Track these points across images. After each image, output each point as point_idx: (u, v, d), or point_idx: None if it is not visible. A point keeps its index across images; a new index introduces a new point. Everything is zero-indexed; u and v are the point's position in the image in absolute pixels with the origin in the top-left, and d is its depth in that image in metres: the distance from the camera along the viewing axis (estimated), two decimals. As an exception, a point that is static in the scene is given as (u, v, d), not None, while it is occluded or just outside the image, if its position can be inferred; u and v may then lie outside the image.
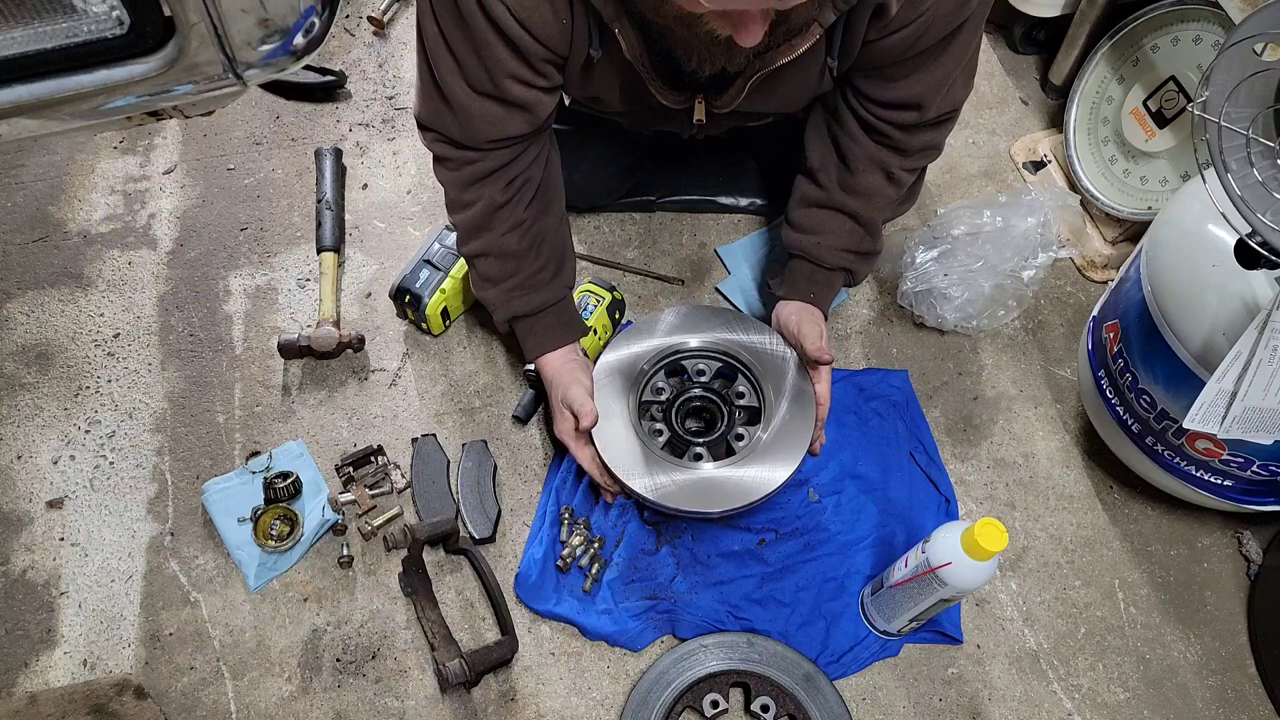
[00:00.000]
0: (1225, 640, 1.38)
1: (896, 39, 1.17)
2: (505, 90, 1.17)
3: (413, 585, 1.34)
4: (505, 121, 1.21)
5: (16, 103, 0.90)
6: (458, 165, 1.27)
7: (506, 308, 1.38)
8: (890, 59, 1.21)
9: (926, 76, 1.24)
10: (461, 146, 1.25)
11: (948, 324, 1.58)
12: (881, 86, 1.27)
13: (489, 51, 1.13)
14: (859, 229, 1.41)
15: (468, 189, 1.29)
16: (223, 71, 0.94)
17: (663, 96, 1.27)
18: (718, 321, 1.45)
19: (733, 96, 1.26)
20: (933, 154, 1.40)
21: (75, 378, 1.54)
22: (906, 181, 1.41)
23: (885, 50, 1.20)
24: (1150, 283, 1.23)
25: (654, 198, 1.74)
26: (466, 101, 1.18)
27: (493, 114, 1.20)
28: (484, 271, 1.37)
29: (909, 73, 1.24)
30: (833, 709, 1.25)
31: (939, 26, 1.16)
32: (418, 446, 1.47)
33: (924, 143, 1.36)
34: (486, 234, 1.33)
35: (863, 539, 1.40)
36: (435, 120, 1.24)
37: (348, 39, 1.99)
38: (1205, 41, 1.50)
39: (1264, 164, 0.96)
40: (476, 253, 1.36)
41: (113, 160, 1.79)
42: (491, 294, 1.38)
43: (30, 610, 1.35)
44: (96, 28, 0.87)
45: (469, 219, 1.32)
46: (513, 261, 1.35)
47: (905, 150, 1.35)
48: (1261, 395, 1.02)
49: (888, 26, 1.15)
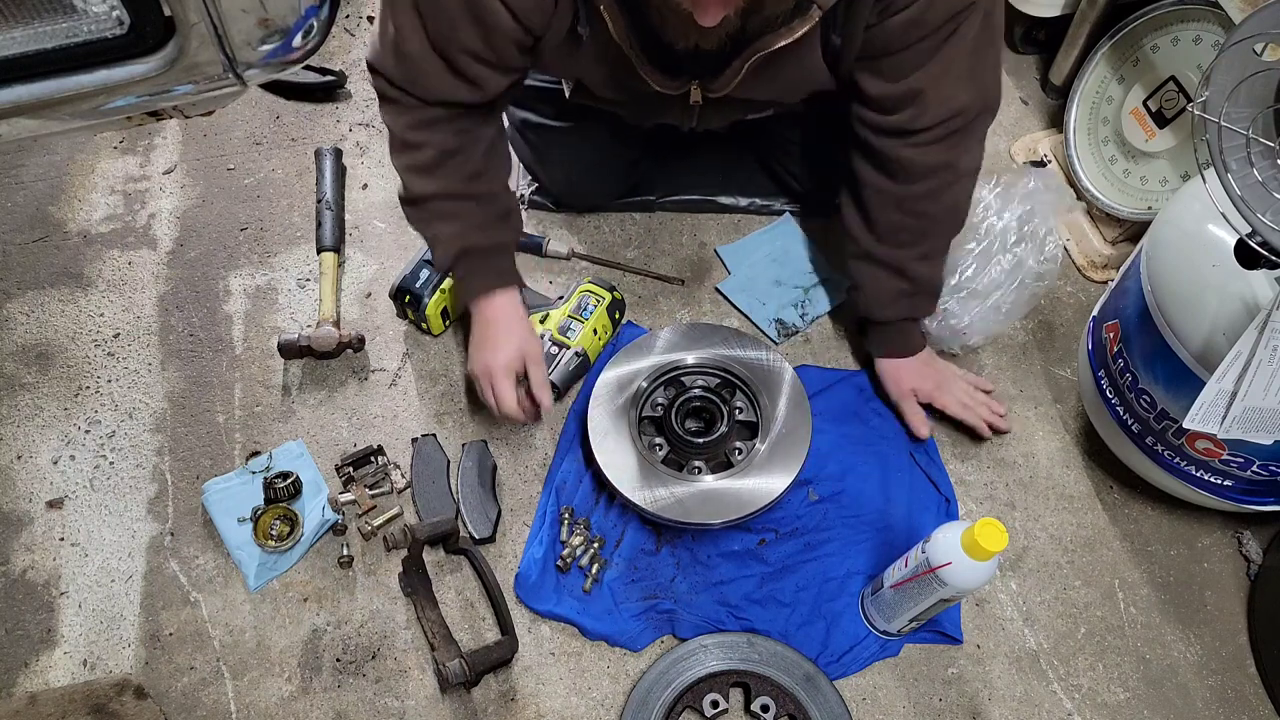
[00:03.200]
0: (1225, 640, 1.38)
1: (898, 20, 1.16)
2: (455, 61, 1.18)
3: (413, 585, 1.34)
4: (454, 88, 1.22)
5: (16, 103, 0.90)
6: (404, 109, 1.27)
7: (460, 239, 1.35)
8: (890, 45, 1.20)
9: (925, 71, 1.22)
10: (405, 94, 1.25)
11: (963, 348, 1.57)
12: (879, 83, 1.26)
13: (452, 18, 1.13)
14: (895, 276, 1.42)
15: (414, 131, 1.28)
16: (223, 71, 0.94)
17: (653, 80, 1.25)
18: (715, 338, 1.47)
19: (728, 79, 1.25)
20: (946, 174, 1.33)
21: (75, 378, 1.54)
22: (931, 212, 1.37)
23: (886, 35, 1.18)
24: (1150, 283, 1.23)
25: (654, 197, 1.74)
26: (420, 58, 1.19)
27: (443, 77, 1.21)
28: (435, 210, 1.35)
29: (908, 64, 1.22)
30: (833, 709, 1.25)
31: (941, 9, 1.15)
32: (418, 446, 1.47)
33: (929, 161, 1.31)
34: (438, 177, 1.31)
35: (863, 539, 1.40)
36: (386, 66, 1.23)
37: (348, 39, 1.99)
38: (1205, 41, 1.50)
39: (1264, 164, 0.96)
40: (427, 193, 1.33)
41: (113, 160, 1.79)
42: (440, 228, 1.36)
43: (30, 610, 1.35)
44: (96, 28, 0.87)
45: (417, 161, 1.30)
46: (468, 202, 1.34)
47: (909, 171, 1.32)
48: (1261, 395, 1.02)
49: (890, 8, 1.15)
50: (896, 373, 1.49)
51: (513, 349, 1.35)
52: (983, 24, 1.21)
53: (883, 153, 1.33)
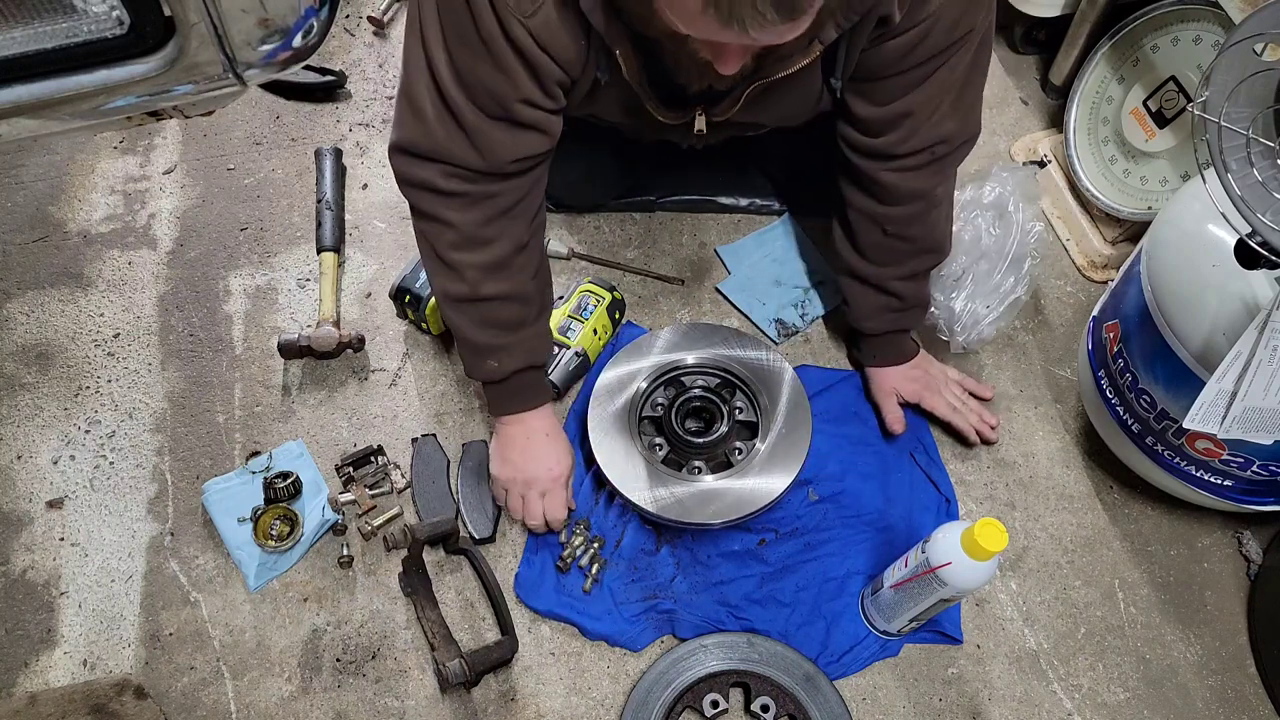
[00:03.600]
0: (1225, 640, 1.38)
1: (894, 44, 1.16)
2: (516, 113, 1.12)
3: (413, 585, 1.34)
4: (522, 142, 1.16)
5: (16, 103, 0.90)
6: (475, 200, 1.19)
7: (525, 355, 1.30)
8: (884, 68, 1.20)
9: (914, 96, 1.22)
10: (480, 176, 1.17)
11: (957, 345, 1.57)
12: (867, 106, 1.26)
13: (505, 76, 1.08)
14: (881, 293, 1.44)
15: (488, 225, 1.21)
16: (223, 71, 0.94)
17: (660, 114, 1.26)
18: (715, 338, 1.47)
19: (729, 106, 1.25)
20: (925, 201, 1.34)
21: (75, 378, 1.54)
22: (912, 235, 1.38)
23: (881, 57, 1.18)
24: (1150, 283, 1.23)
25: (654, 197, 1.74)
26: (482, 125, 1.12)
27: (509, 136, 1.15)
28: (499, 316, 1.27)
29: (898, 88, 1.22)
30: (833, 709, 1.25)
31: (938, 36, 1.15)
32: (418, 446, 1.47)
33: (910, 187, 1.32)
34: (509, 276, 1.24)
35: (863, 539, 1.40)
36: (445, 149, 1.14)
37: (348, 39, 1.99)
38: (1205, 41, 1.49)
39: (1264, 164, 0.96)
40: (494, 295, 1.24)
41: (113, 160, 1.79)
42: (506, 339, 1.28)
43: (30, 610, 1.35)
44: (96, 28, 0.87)
45: (487, 259, 1.22)
46: (532, 306, 1.29)
47: (890, 194, 1.33)
48: (1261, 395, 1.02)
49: (888, 32, 1.15)
50: (883, 375, 1.51)
51: (560, 466, 1.35)
52: (975, 54, 1.21)
53: (866, 174, 1.34)
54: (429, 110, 1.13)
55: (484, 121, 1.13)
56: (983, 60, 1.25)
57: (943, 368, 1.53)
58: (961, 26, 1.15)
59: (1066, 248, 1.75)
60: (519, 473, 1.35)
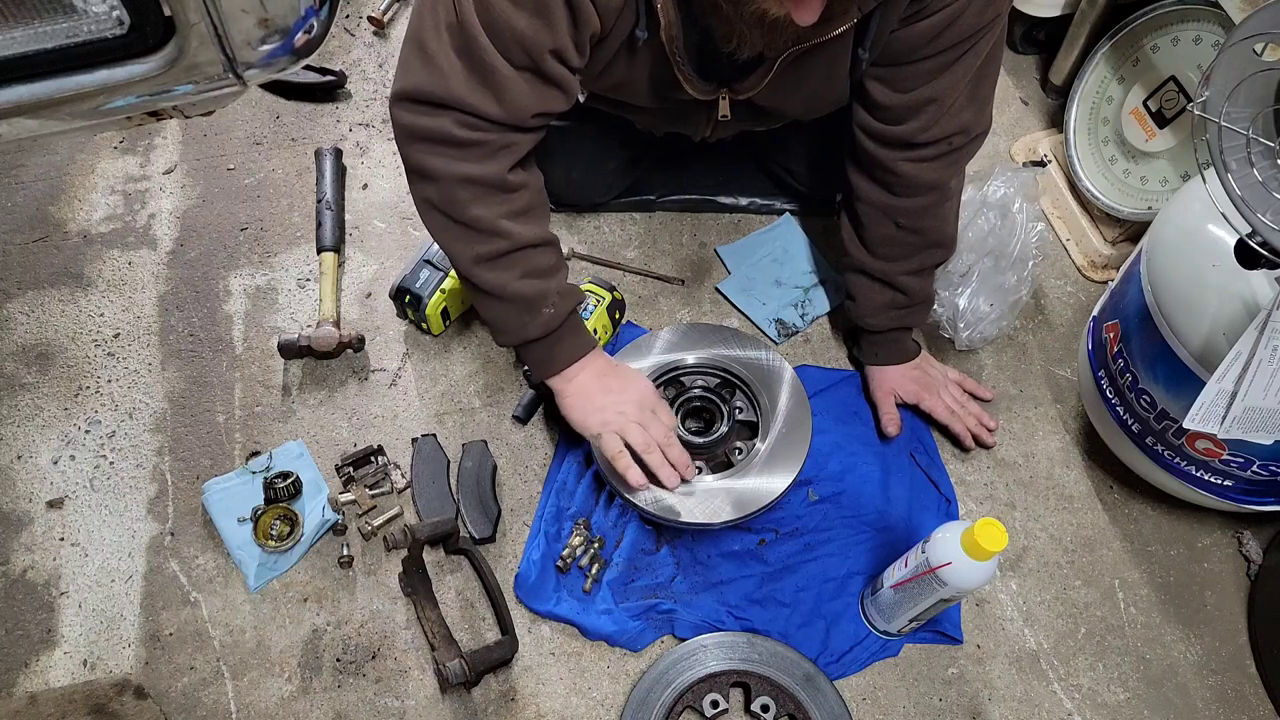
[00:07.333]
0: (1225, 640, 1.38)
1: (923, 26, 1.17)
2: (544, 65, 1.09)
3: (413, 585, 1.34)
4: (544, 97, 1.13)
5: (16, 103, 0.90)
6: (494, 149, 1.14)
7: (571, 295, 1.26)
8: (912, 52, 1.21)
9: (937, 83, 1.24)
10: (497, 126, 1.13)
11: (960, 342, 1.57)
12: (889, 93, 1.27)
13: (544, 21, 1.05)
14: (886, 288, 1.44)
15: (512, 172, 1.17)
16: (223, 71, 0.94)
17: (690, 86, 1.25)
18: (715, 338, 1.47)
19: (759, 78, 1.25)
20: (939, 192, 1.36)
21: (75, 378, 1.54)
22: (922, 228, 1.39)
23: (908, 40, 1.19)
24: (1150, 283, 1.23)
25: (654, 197, 1.74)
26: (507, 75, 1.09)
27: (531, 89, 1.11)
28: (540, 264, 1.22)
29: (924, 74, 1.23)
30: (833, 709, 1.25)
31: (969, 19, 1.16)
32: (418, 446, 1.47)
33: (926, 178, 1.33)
34: (539, 221, 1.20)
35: (863, 539, 1.40)
36: (460, 97, 1.09)
37: (348, 39, 1.99)
38: (1205, 41, 1.50)
39: (1264, 164, 0.96)
40: (533, 240, 1.20)
41: (113, 160, 1.79)
42: (550, 284, 1.23)
43: (30, 610, 1.35)
44: (96, 28, 0.87)
45: (517, 207, 1.18)
46: (558, 249, 1.26)
47: (906, 184, 1.33)
48: (1261, 395, 1.02)
49: (919, 14, 1.15)
50: (882, 374, 1.51)
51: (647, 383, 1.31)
52: (994, 45, 1.23)
53: (882, 164, 1.34)
54: (445, 56, 1.08)
55: (510, 71, 1.08)
56: (999, 51, 1.26)
57: (943, 369, 1.53)
58: (991, 11, 1.16)
59: (1066, 248, 1.75)
60: (618, 403, 1.26)
